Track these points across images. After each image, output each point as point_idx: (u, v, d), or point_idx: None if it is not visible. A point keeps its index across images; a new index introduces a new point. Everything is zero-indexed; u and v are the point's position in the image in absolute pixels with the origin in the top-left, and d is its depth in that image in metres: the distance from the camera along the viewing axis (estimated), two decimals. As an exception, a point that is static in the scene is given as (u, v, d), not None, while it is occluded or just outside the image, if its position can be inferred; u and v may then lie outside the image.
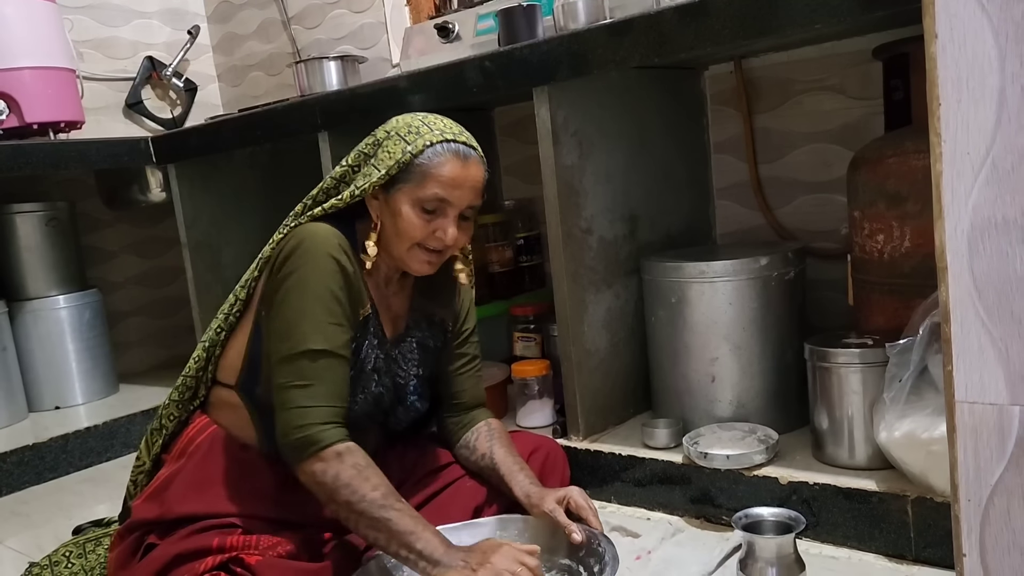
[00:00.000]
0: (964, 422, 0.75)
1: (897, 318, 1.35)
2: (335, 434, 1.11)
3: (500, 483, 1.29)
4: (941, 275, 0.74)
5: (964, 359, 0.74)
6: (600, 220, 1.67)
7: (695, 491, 1.45)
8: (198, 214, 2.41)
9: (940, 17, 0.69)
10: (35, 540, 1.71)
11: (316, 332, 1.13)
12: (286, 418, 1.13)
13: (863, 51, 1.65)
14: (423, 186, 1.15)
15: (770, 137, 1.86)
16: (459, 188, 1.16)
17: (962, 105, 0.70)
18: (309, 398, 1.12)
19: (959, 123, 0.70)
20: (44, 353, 2.40)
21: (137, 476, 1.34)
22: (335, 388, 1.14)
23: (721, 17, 1.30)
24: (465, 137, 1.20)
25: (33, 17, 2.30)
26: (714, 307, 1.53)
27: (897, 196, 1.36)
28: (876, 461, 1.32)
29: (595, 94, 1.64)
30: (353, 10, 2.60)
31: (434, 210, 1.17)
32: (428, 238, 1.18)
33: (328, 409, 1.12)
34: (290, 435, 1.12)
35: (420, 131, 1.17)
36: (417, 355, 1.32)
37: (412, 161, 1.15)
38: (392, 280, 1.28)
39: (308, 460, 1.10)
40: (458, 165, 1.16)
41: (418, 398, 1.34)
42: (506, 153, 2.34)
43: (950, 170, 0.71)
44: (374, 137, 1.21)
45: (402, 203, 1.16)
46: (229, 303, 1.27)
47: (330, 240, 1.16)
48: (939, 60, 0.71)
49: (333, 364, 1.14)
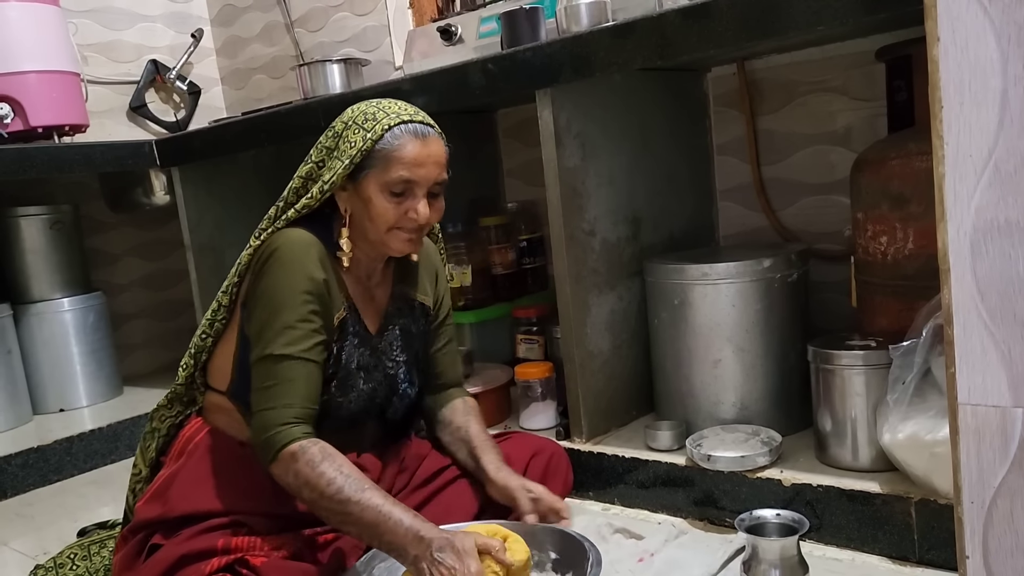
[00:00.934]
0: (967, 424, 0.75)
1: (900, 320, 1.34)
2: (290, 434, 1.13)
3: (470, 455, 1.33)
4: (944, 277, 0.74)
5: (967, 361, 0.74)
6: (603, 222, 1.67)
7: (698, 493, 1.45)
8: (202, 217, 2.42)
9: (942, 20, 0.69)
10: (40, 542, 1.71)
11: (278, 337, 1.15)
12: (253, 423, 1.17)
13: (866, 52, 1.65)
14: (387, 170, 1.17)
15: (773, 139, 1.86)
16: (422, 166, 1.17)
17: (964, 108, 0.70)
18: (269, 400, 1.15)
19: (961, 126, 0.70)
20: (48, 356, 2.40)
21: (135, 485, 1.35)
22: (295, 389, 1.15)
23: (724, 19, 1.30)
24: (421, 116, 1.21)
25: (38, 21, 2.31)
26: (717, 309, 1.53)
27: (900, 198, 1.36)
28: (879, 463, 1.32)
29: (598, 96, 1.65)
30: (356, 13, 2.61)
31: (402, 192, 1.18)
32: (401, 219, 1.19)
33: (285, 411, 1.14)
34: (256, 438, 1.16)
35: (377, 117, 1.18)
36: (401, 341, 1.33)
37: (373, 148, 1.16)
38: (375, 271, 1.30)
39: (270, 464, 1.14)
40: (418, 144, 1.17)
41: (409, 384, 1.35)
42: (509, 155, 2.34)
43: (952, 172, 0.71)
44: (333, 130, 1.22)
45: (370, 190, 1.18)
46: (212, 309, 1.29)
47: (302, 247, 1.19)
48: (941, 63, 0.71)
49: (295, 366, 1.16)
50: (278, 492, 1.22)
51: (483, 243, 2.11)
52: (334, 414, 1.23)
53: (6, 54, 2.26)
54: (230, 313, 1.28)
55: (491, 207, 2.23)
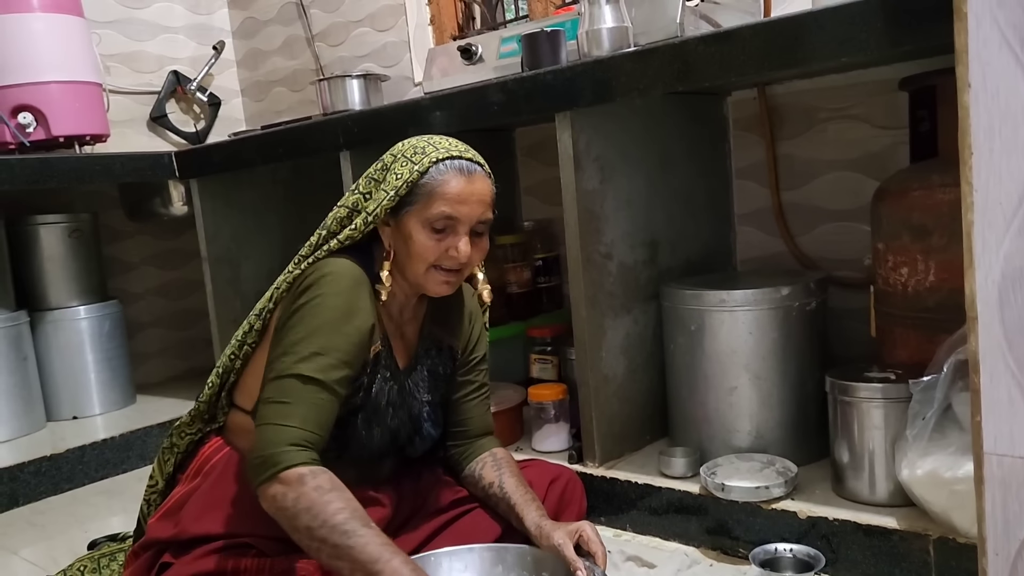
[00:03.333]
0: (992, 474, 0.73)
1: (920, 352, 1.33)
2: (300, 456, 1.07)
3: (509, 512, 1.26)
4: (971, 325, 0.73)
5: (993, 411, 0.72)
6: (620, 245, 1.67)
7: (712, 522, 1.44)
8: (219, 228, 2.43)
9: (973, 66, 0.68)
10: (50, 552, 1.72)
11: (312, 361, 1.11)
12: (257, 436, 1.10)
13: (889, 81, 1.64)
14: (429, 205, 1.15)
15: (793, 164, 1.85)
16: (465, 204, 1.16)
17: (994, 155, 0.69)
18: (283, 417, 1.09)
19: (991, 173, 0.69)
20: (63, 363, 2.42)
21: (150, 496, 1.34)
22: (314, 414, 1.10)
23: (746, 47, 1.29)
24: (471, 154, 1.20)
25: (62, 32, 2.33)
26: (734, 336, 1.52)
27: (922, 229, 1.35)
28: (897, 498, 1.30)
29: (617, 119, 1.64)
30: (377, 29, 2.62)
31: (444, 228, 1.17)
32: (442, 258, 1.18)
33: (300, 432, 1.09)
34: (255, 452, 1.08)
35: (426, 151, 1.17)
36: (428, 382, 1.32)
37: (418, 181, 1.15)
38: (407, 307, 1.28)
39: (269, 482, 1.06)
40: (463, 181, 1.16)
41: (432, 424, 1.33)
42: (526, 174, 2.34)
43: (981, 220, 0.70)
44: (382, 162, 1.21)
45: (412, 226, 1.17)
46: (243, 330, 1.27)
47: (351, 278, 1.16)
48: (972, 109, 0.70)
49: (319, 393, 1.11)
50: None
51: (499, 261, 2.10)
52: (355, 447, 1.21)
53: (30, 64, 2.28)
54: (261, 337, 1.26)
55: (507, 225, 2.23)
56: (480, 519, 1.32)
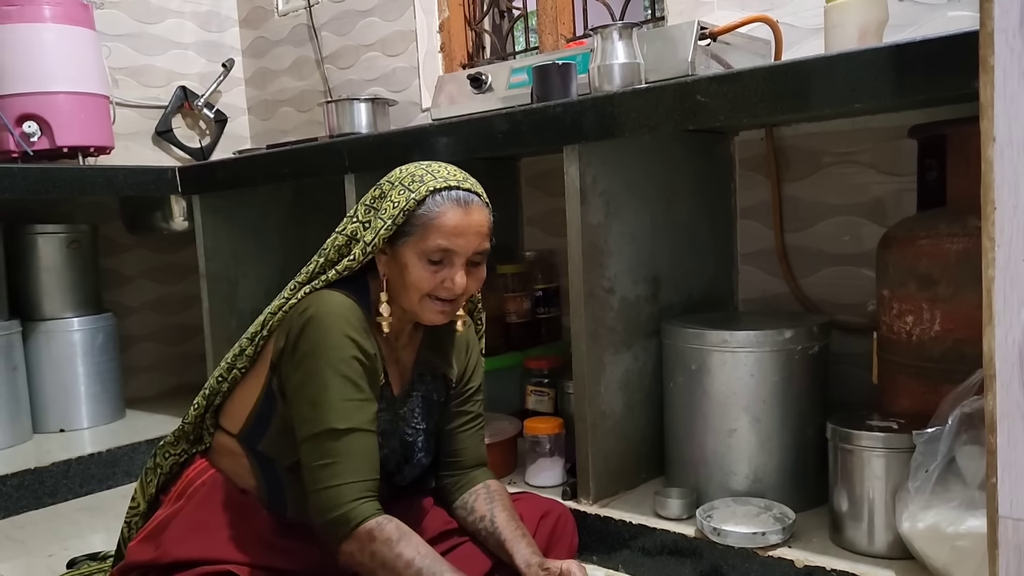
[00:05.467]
0: (1007, 540, 0.71)
1: (923, 402, 1.32)
2: (364, 511, 1.09)
3: (499, 548, 1.24)
4: (988, 383, 0.71)
5: (1010, 473, 0.70)
6: (623, 280, 1.65)
7: (706, 566, 1.41)
8: (218, 245, 2.42)
9: (999, 120, 0.67)
10: (28, 569, 1.68)
11: (336, 411, 1.11)
12: (315, 501, 1.12)
13: (896, 128, 1.64)
14: (425, 238, 1.14)
15: (798, 206, 1.84)
16: (462, 236, 1.15)
17: (1018, 211, 0.68)
18: (335, 477, 1.10)
19: (1015, 229, 0.68)
20: (53, 375, 2.39)
21: (131, 518, 1.31)
22: (361, 463, 1.12)
23: (757, 89, 1.29)
24: (469, 184, 1.18)
25: (72, 43, 2.33)
26: (735, 377, 1.50)
27: (928, 278, 1.34)
28: (896, 550, 1.28)
29: (625, 154, 1.64)
30: (387, 54, 2.63)
31: (440, 260, 1.15)
32: (437, 288, 1.16)
33: (355, 486, 1.10)
34: (322, 517, 1.11)
35: (423, 179, 1.16)
36: (422, 409, 1.30)
37: (415, 210, 1.14)
38: (403, 333, 1.27)
39: (343, 542, 1.09)
40: (459, 213, 1.14)
41: (424, 453, 1.31)
42: (530, 204, 2.33)
43: (1003, 277, 0.69)
44: (380, 189, 1.20)
45: (408, 257, 1.15)
46: (234, 353, 1.25)
47: (345, 316, 1.14)
48: (996, 164, 0.69)
49: (358, 439, 1.12)
50: (273, 543, 1.20)
51: (498, 290, 2.09)
52: None
53: (38, 74, 2.28)
54: (252, 363, 1.24)
55: (509, 255, 2.22)
56: (470, 553, 1.29)
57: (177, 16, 2.91)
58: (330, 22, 2.78)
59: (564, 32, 2.30)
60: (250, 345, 1.23)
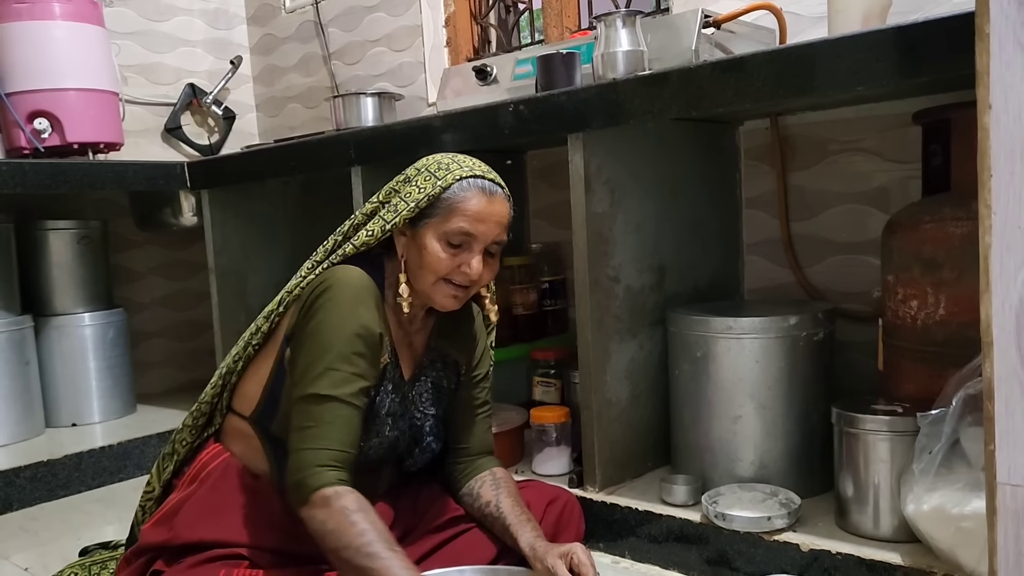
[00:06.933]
0: (1005, 506, 0.72)
1: (928, 386, 1.31)
2: (327, 478, 1.09)
3: (504, 533, 1.26)
4: (986, 350, 0.71)
5: (1007, 439, 0.71)
6: (628, 269, 1.66)
7: (712, 552, 1.42)
8: (227, 241, 2.43)
9: (995, 88, 0.68)
10: (41, 558, 1.70)
11: (325, 378, 1.13)
12: (289, 461, 1.13)
13: (901, 114, 1.64)
14: (449, 220, 1.16)
15: (803, 195, 1.84)
16: (484, 222, 1.17)
17: (1015, 178, 0.68)
18: (306, 440, 1.12)
19: (1011, 196, 0.68)
20: (65, 369, 2.41)
21: (146, 502, 1.33)
22: (334, 432, 1.12)
23: (760, 75, 1.30)
24: (493, 175, 1.22)
25: (82, 41, 2.36)
26: (740, 364, 1.50)
27: (933, 263, 1.34)
28: (902, 533, 1.28)
29: (629, 143, 1.65)
30: (393, 49, 2.65)
31: (459, 244, 1.17)
32: (453, 272, 1.18)
33: (323, 453, 1.11)
34: (290, 479, 1.12)
35: (450, 167, 1.19)
36: (432, 394, 1.31)
37: (440, 195, 1.16)
38: (416, 318, 1.28)
39: (302, 506, 1.10)
40: (484, 200, 1.17)
41: (434, 438, 1.32)
42: (536, 197, 2.34)
43: (1000, 243, 0.69)
44: (405, 175, 1.22)
45: (428, 237, 1.17)
46: (251, 331, 1.27)
47: (360, 289, 1.16)
48: (992, 131, 0.69)
49: (336, 408, 1.12)
50: (285, 527, 1.21)
51: (505, 283, 2.10)
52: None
53: (49, 70, 2.30)
54: (266, 339, 1.26)
55: (515, 247, 2.22)
56: (476, 539, 1.30)
57: (185, 14, 2.94)
58: (337, 18, 2.79)
59: (569, 25, 2.30)
60: (266, 323, 1.25)
